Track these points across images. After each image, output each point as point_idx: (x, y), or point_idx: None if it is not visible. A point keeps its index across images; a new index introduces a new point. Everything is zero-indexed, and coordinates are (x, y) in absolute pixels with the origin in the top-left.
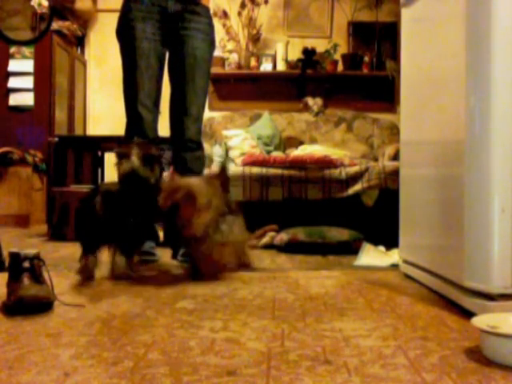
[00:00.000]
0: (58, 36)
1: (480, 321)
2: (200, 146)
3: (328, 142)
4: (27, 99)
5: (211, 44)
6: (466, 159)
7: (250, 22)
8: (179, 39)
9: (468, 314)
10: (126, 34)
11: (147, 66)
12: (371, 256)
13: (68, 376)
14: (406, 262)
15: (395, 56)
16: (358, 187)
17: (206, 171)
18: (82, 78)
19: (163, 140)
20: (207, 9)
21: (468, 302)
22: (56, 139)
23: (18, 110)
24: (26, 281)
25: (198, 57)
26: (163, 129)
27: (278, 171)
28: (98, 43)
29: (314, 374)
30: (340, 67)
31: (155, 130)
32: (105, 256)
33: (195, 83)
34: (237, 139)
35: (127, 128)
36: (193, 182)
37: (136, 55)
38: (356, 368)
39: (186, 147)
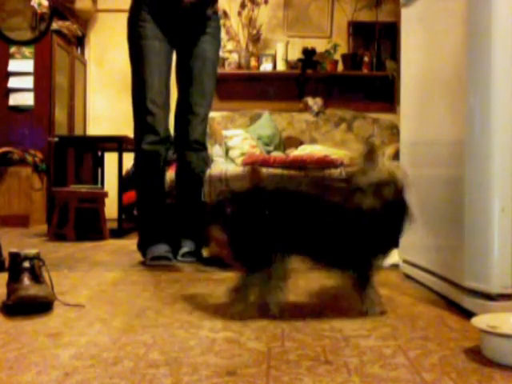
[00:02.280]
0: (58, 36)
1: (480, 321)
2: (204, 147)
3: (328, 141)
4: (27, 99)
5: (218, 45)
6: (466, 159)
7: (250, 22)
8: (188, 41)
9: (468, 314)
10: (135, 33)
11: (157, 63)
12: None
13: (68, 376)
14: (405, 261)
15: (395, 56)
16: None
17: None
18: (82, 77)
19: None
20: (216, 12)
21: (468, 302)
22: (56, 139)
23: (18, 109)
24: (25, 281)
25: (207, 59)
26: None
27: (278, 171)
28: (98, 43)
29: (314, 374)
30: (340, 67)
31: (167, 128)
32: None
33: (203, 85)
34: (237, 139)
35: (137, 128)
36: None
37: (146, 53)
38: (356, 368)
39: (192, 148)
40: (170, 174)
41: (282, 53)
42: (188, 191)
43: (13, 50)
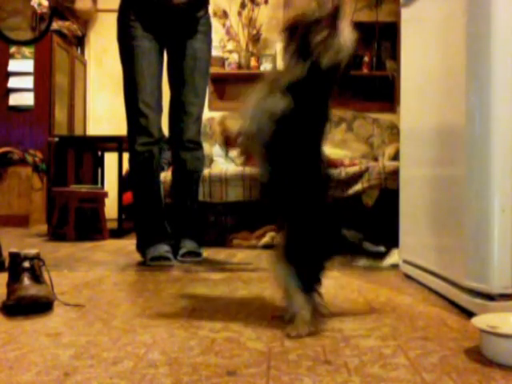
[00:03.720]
0: (58, 36)
1: (480, 321)
2: (200, 146)
3: (328, 141)
4: (27, 99)
5: (209, 44)
6: (466, 159)
7: (250, 22)
8: (179, 40)
9: (468, 314)
10: (126, 34)
11: (148, 64)
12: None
13: (68, 376)
14: (405, 261)
15: (395, 56)
16: (358, 187)
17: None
18: (82, 77)
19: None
20: (207, 11)
21: (468, 302)
22: (56, 139)
23: (18, 109)
24: (25, 281)
25: (198, 58)
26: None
27: None
28: (98, 43)
29: (314, 373)
30: None
31: (160, 129)
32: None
33: (195, 84)
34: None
35: (130, 129)
36: None
37: (137, 54)
38: (356, 368)
39: (186, 147)
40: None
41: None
42: (184, 191)
43: (13, 50)
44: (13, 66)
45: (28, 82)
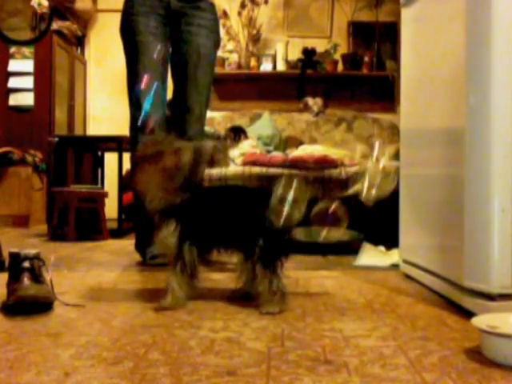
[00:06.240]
0: (58, 36)
1: (480, 321)
2: None
3: (328, 141)
4: (27, 99)
5: (216, 41)
6: (466, 159)
7: (250, 22)
8: (182, 35)
9: (468, 314)
10: (129, 28)
11: (150, 60)
12: (371, 256)
13: (68, 376)
14: (405, 261)
15: (395, 56)
16: (357, 187)
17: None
18: (82, 77)
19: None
20: (212, 4)
21: (468, 302)
22: (56, 139)
23: (18, 109)
24: (25, 281)
25: (202, 54)
26: None
27: (278, 171)
28: (98, 43)
29: (314, 374)
30: (340, 67)
31: (163, 126)
32: None
33: (198, 81)
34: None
35: (132, 127)
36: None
37: (139, 50)
38: (356, 368)
39: None
40: None
41: (282, 53)
42: None
43: (13, 50)
44: (13, 66)
45: (28, 82)
